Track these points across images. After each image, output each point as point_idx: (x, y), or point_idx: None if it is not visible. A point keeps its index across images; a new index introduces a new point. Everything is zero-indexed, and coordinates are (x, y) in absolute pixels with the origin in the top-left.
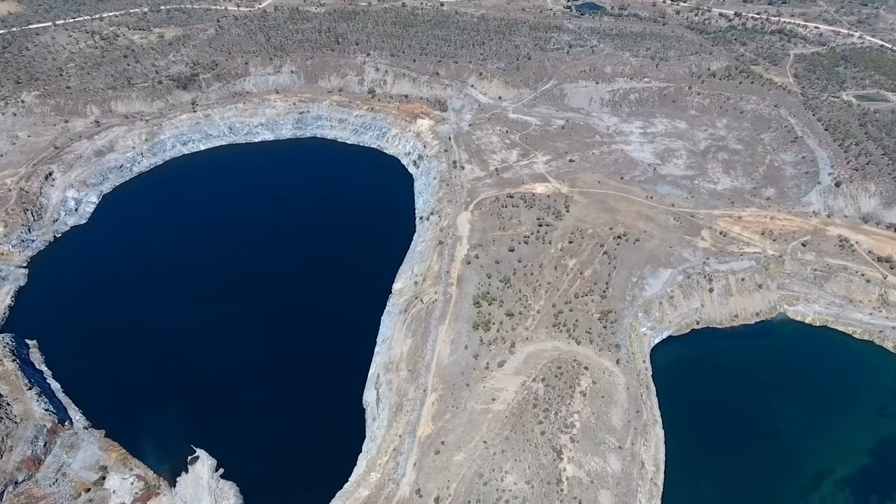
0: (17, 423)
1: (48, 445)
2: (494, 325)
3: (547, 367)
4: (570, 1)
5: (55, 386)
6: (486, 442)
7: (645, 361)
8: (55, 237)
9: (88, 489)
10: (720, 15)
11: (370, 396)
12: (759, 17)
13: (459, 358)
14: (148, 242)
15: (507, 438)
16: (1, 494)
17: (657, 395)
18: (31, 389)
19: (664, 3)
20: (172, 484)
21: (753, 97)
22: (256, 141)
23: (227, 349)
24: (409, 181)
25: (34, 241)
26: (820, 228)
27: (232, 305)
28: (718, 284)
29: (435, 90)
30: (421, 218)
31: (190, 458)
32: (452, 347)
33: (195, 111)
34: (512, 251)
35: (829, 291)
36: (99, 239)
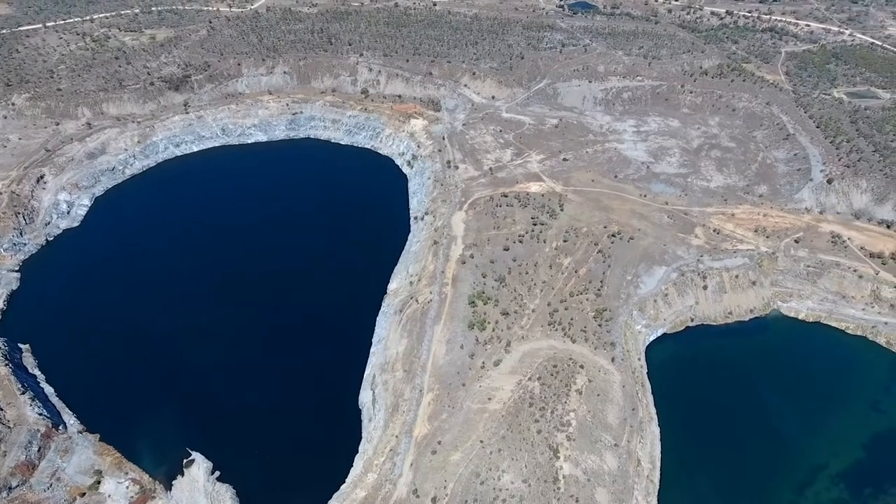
0: (10, 428)
1: (42, 450)
2: (490, 324)
3: (542, 365)
4: (562, 0)
5: (48, 390)
6: (482, 441)
7: (640, 359)
8: (47, 240)
9: (83, 494)
10: (712, 13)
11: (366, 397)
12: (750, 15)
13: (455, 358)
14: (141, 245)
15: (503, 437)
16: None
17: (652, 392)
18: (24, 394)
19: (656, 1)
20: (168, 487)
21: (745, 95)
22: (249, 142)
23: (221, 351)
24: (403, 181)
25: (26, 244)
26: (812, 225)
27: (226, 307)
28: (712, 282)
29: (428, 90)
30: (415, 218)
31: (185, 461)
32: (448, 347)
33: (188, 113)
34: (507, 250)
35: (822, 287)
36: (91, 242)
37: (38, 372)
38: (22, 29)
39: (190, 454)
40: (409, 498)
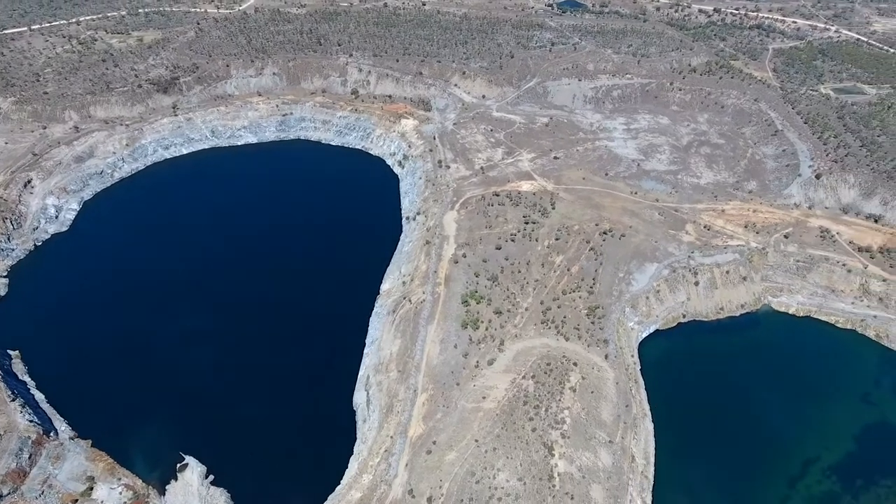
0: (0, 435)
1: (33, 457)
2: (483, 323)
3: (536, 364)
4: None
5: (39, 396)
6: (477, 440)
7: (633, 356)
8: (35, 245)
9: (76, 500)
10: (700, 11)
11: (360, 398)
12: (737, 12)
13: (449, 357)
14: (131, 249)
15: (498, 436)
16: None
17: (646, 388)
18: (14, 401)
19: None
20: (162, 492)
21: (734, 92)
22: (239, 144)
23: (214, 354)
24: (394, 181)
25: (14, 249)
26: (801, 220)
27: (218, 310)
28: (703, 278)
29: (419, 90)
30: (407, 218)
31: (179, 465)
32: (442, 347)
33: (176, 115)
34: (499, 249)
35: (811, 282)
36: (80, 246)
37: (27, 378)
38: (7, 32)
39: (183, 458)
40: (404, 498)
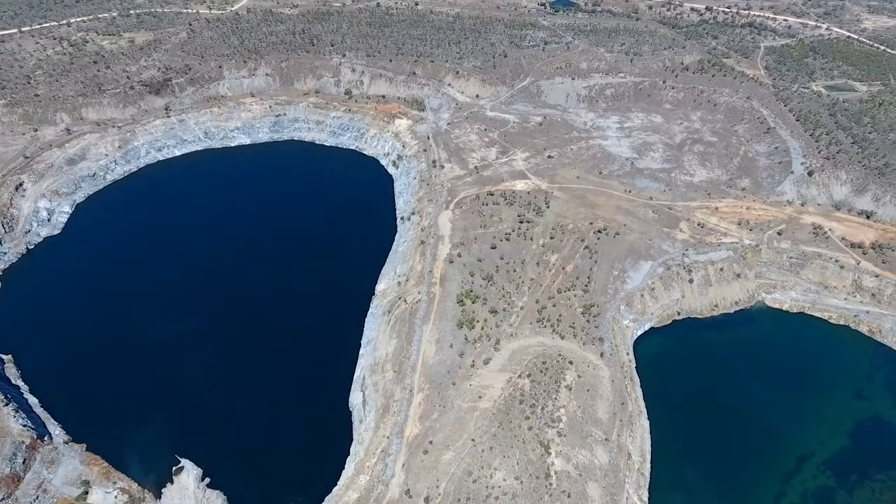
0: None
1: (27, 462)
2: (479, 322)
3: (532, 362)
4: None
5: (32, 401)
6: (473, 440)
7: (628, 354)
8: (28, 249)
9: None
10: (692, 9)
11: (356, 399)
12: (729, 10)
13: (445, 357)
14: (124, 251)
15: (494, 435)
16: None
17: (641, 386)
18: (7, 405)
19: None
20: (157, 496)
21: (726, 90)
22: (233, 145)
23: (209, 357)
24: (388, 182)
25: (6, 253)
26: (794, 217)
27: (212, 312)
28: (698, 275)
29: (412, 90)
30: (402, 218)
31: (175, 468)
32: (437, 347)
33: (169, 116)
34: (494, 249)
35: (804, 278)
36: (73, 249)
37: (20, 383)
38: None
39: (179, 461)
40: (401, 498)
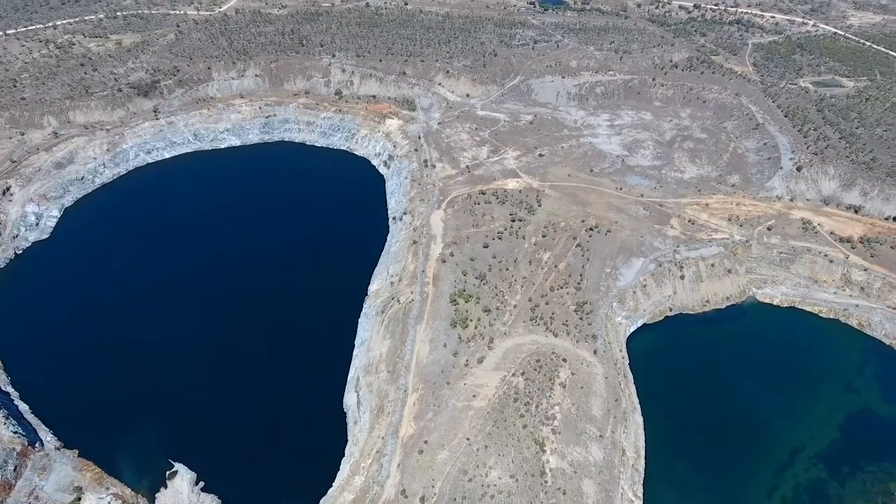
0: None
1: (19, 469)
2: (472, 322)
3: (526, 360)
4: None
5: (23, 407)
6: (468, 439)
7: (621, 350)
8: (16, 254)
9: None
10: (680, 7)
11: (350, 400)
12: (717, 8)
13: (439, 356)
14: (114, 255)
15: (489, 434)
16: None
17: (634, 382)
18: None
19: None
20: (151, 501)
21: (715, 87)
22: (223, 147)
23: (201, 360)
24: (380, 182)
25: None
26: (784, 212)
27: (205, 315)
28: (689, 271)
29: (402, 90)
30: (394, 218)
31: (168, 472)
32: (431, 346)
33: (158, 119)
34: (486, 247)
35: (794, 273)
36: (62, 254)
37: (10, 389)
38: None
39: (173, 465)
40: (397, 499)
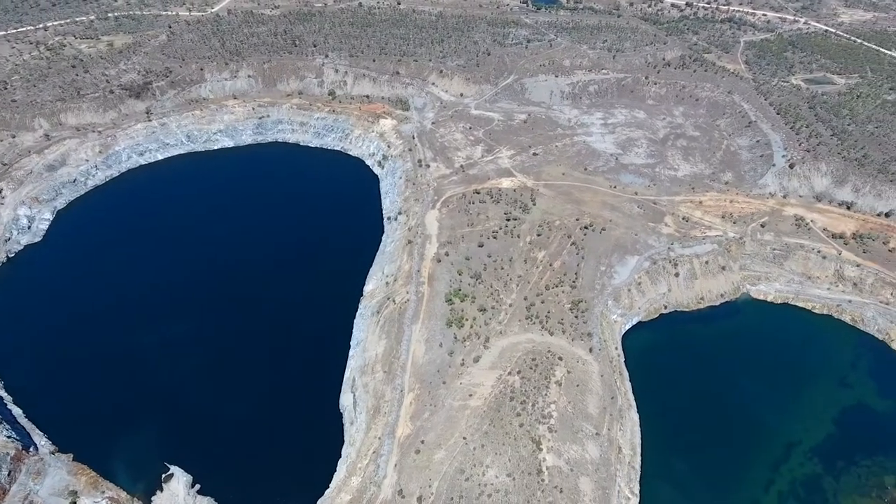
0: None
1: (13, 474)
2: (468, 321)
3: (522, 359)
4: None
5: (17, 412)
6: (465, 438)
7: (617, 348)
8: (8, 257)
9: None
10: (672, 5)
11: (347, 400)
12: (709, 6)
13: (435, 356)
14: (107, 258)
15: (486, 433)
16: None
17: (630, 380)
18: None
19: None
20: None
21: (708, 85)
22: (216, 148)
23: (197, 362)
24: (374, 182)
25: None
26: (777, 209)
27: (199, 317)
28: (683, 269)
29: (396, 89)
30: (389, 218)
31: (164, 475)
32: (427, 346)
33: (150, 120)
34: (481, 247)
35: (788, 269)
36: (55, 257)
37: (4, 394)
38: None
39: (168, 468)
40: (394, 499)
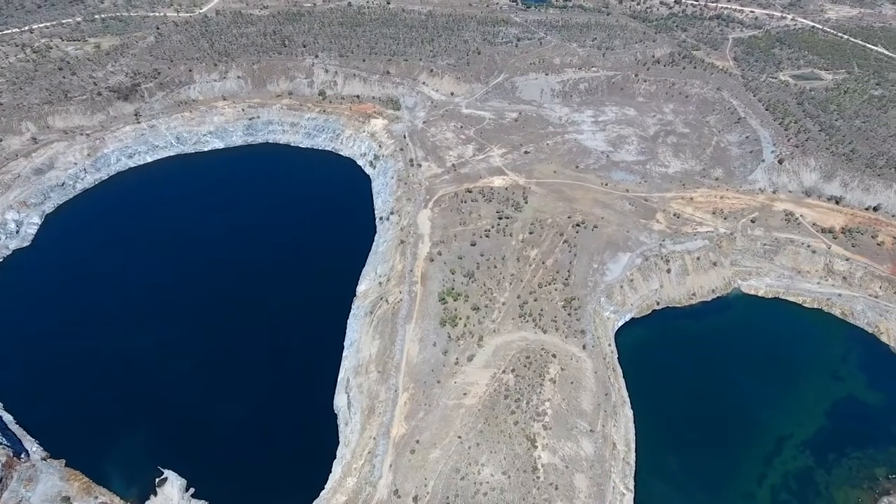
0: None
1: (4, 480)
2: (461, 320)
3: (516, 357)
4: None
5: (7, 418)
6: (460, 437)
7: (610, 345)
8: None
9: None
10: (661, 3)
11: (341, 401)
12: (697, 3)
13: (429, 356)
14: (97, 261)
15: (480, 431)
16: None
17: (624, 376)
18: None
19: None
20: None
21: (697, 81)
22: (206, 150)
23: (189, 365)
24: (366, 182)
25: None
26: (766, 204)
27: (192, 320)
28: (675, 265)
29: (387, 89)
30: (381, 218)
31: (158, 479)
32: (421, 346)
33: (139, 122)
34: (474, 245)
35: (778, 264)
36: (44, 261)
37: None
38: None
39: (162, 472)
40: (390, 499)
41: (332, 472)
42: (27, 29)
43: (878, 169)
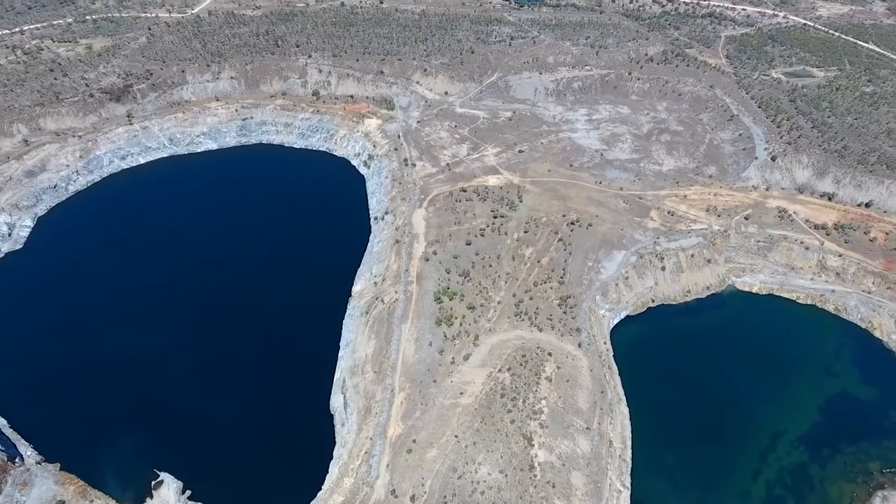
0: None
1: None
2: (457, 319)
3: (511, 356)
4: None
5: (1, 422)
6: (457, 436)
7: (606, 343)
8: None
9: None
10: (654, 1)
11: (337, 402)
12: (690, 1)
13: (425, 355)
14: (90, 264)
15: (477, 430)
16: None
17: (619, 374)
18: None
19: None
20: None
21: (690, 79)
22: (199, 151)
23: (185, 367)
24: (360, 182)
25: None
26: (760, 201)
27: (186, 321)
28: (670, 262)
29: (380, 89)
30: (375, 218)
31: (154, 482)
32: (417, 345)
33: (132, 124)
34: (469, 245)
35: (772, 261)
36: (37, 264)
37: None
38: None
39: (158, 475)
40: (387, 499)
41: (328, 472)
42: (17, 30)
43: (869, 165)
